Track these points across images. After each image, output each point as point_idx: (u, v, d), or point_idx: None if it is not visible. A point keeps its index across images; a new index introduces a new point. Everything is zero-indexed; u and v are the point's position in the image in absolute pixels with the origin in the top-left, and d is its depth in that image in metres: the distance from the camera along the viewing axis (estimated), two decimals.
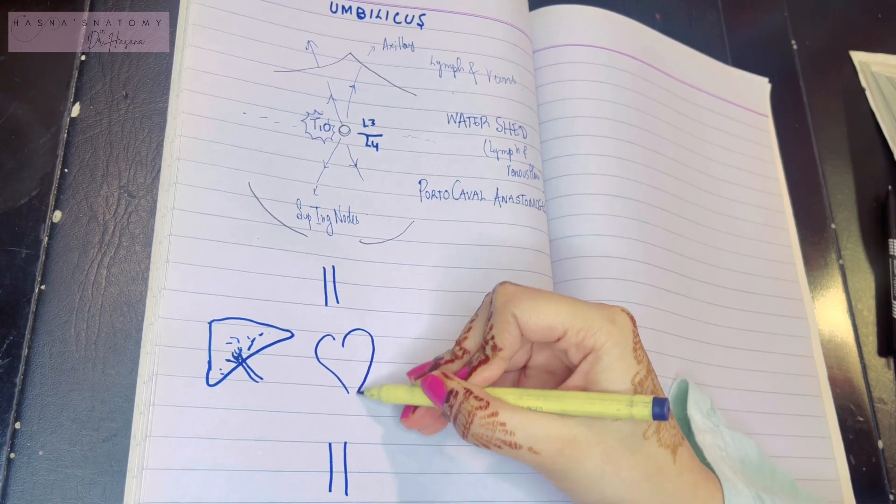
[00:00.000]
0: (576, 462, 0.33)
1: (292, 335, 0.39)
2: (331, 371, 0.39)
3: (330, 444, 0.38)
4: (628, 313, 0.35)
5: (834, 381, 0.52)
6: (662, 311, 0.47)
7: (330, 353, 0.39)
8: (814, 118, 0.61)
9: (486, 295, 0.38)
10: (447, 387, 0.34)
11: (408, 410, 0.38)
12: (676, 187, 0.52)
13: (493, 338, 0.35)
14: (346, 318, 0.40)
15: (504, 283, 0.36)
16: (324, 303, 0.40)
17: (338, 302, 0.41)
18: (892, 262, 0.57)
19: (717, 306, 0.50)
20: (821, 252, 0.57)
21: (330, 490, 0.37)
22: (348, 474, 0.38)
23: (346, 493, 0.37)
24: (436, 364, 0.37)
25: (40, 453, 0.35)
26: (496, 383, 0.36)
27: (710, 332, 0.49)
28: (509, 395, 0.34)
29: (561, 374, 0.37)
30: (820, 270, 0.56)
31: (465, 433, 0.34)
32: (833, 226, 0.58)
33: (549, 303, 0.34)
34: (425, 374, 0.37)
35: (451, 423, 0.34)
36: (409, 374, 0.38)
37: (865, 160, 0.61)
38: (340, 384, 0.39)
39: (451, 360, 0.37)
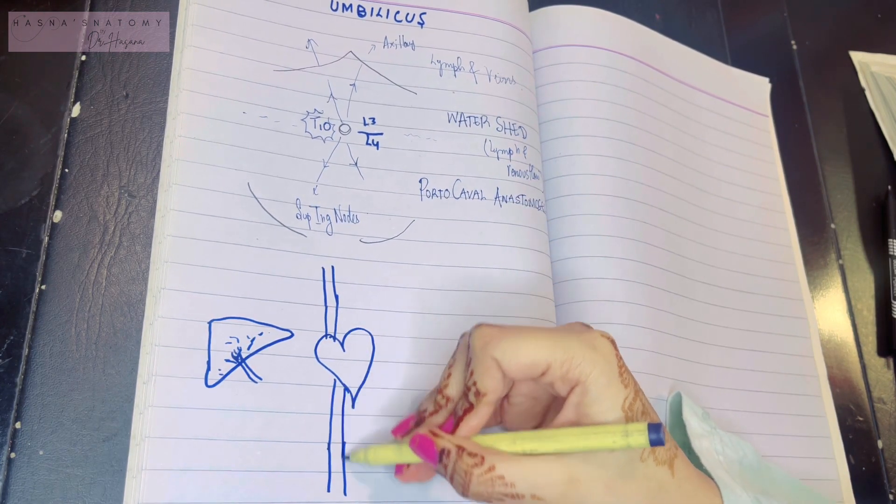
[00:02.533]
0: (580, 500, 0.32)
1: (292, 335, 0.39)
2: (330, 371, 0.39)
3: (329, 445, 0.38)
4: (609, 337, 0.35)
5: (834, 381, 0.52)
6: (661, 311, 0.47)
7: (329, 352, 0.39)
8: (814, 118, 0.61)
9: (462, 336, 0.37)
10: (438, 446, 0.33)
11: (401, 467, 0.37)
12: (676, 188, 0.52)
13: (475, 384, 0.34)
14: (346, 318, 0.40)
15: (480, 325, 0.35)
16: (323, 302, 0.40)
17: (337, 301, 0.41)
18: (892, 262, 0.57)
19: (717, 306, 0.50)
20: (821, 252, 0.57)
21: (328, 490, 0.37)
22: (347, 474, 0.38)
23: (345, 494, 0.37)
24: (419, 417, 0.37)
25: (40, 453, 0.35)
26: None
27: (710, 333, 0.49)
28: (502, 441, 0.33)
29: (544, 400, 0.37)
30: (820, 270, 0.56)
31: (465, 491, 0.33)
32: (833, 226, 0.58)
33: (529, 340, 0.34)
34: (410, 431, 0.36)
35: (449, 481, 0.33)
36: (394, 432, 0.37)
37: (865, 160, 0.61)
38: (340, 384, 0.39)
39: (436, 412, 0.36)
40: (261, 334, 0.39)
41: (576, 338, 0.34)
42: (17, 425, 0.36)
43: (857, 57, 0.65)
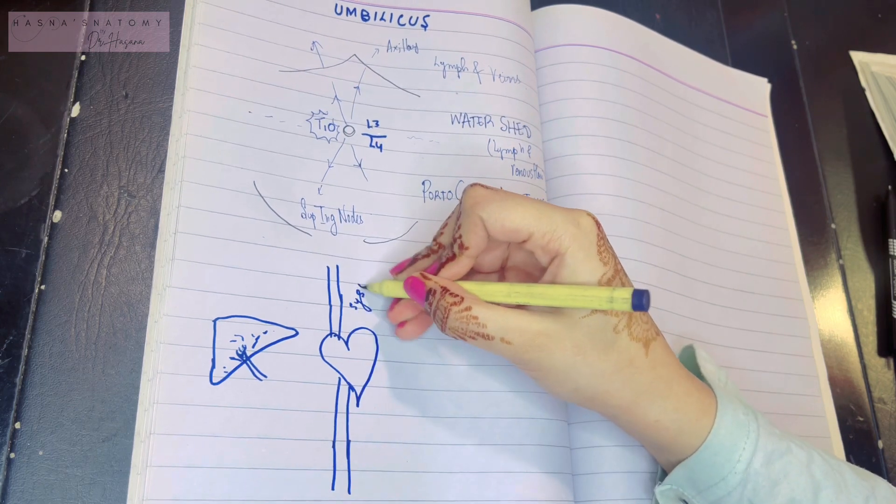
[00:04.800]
0: (547, 352, 0.34)
1: (297, 333, 0.39)
2: (335, 369, 0.39)
3: (333, 443, 0.38)
4: (593, 217, 0.36)
5: (834, 381, 0.52)
6: (661, 310, 0.47)
7: (334, 351, 0.39)
8: (814, 118, 0.61)
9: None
10: (426, 286, 0.36)
11: (394, 304, 0.41)
12: (676, 187, 0.52)
13: (460, 237, 0.37)
14: (350, 317, 0.40)
15: (474, 184, 0.37)
16: (328, 301, 0.40)
17: (342, 301, 0.41)
18: (892, 262, 0.57)
19: (717, 306, 0.50)
20: (821, 252, 0.57)
21: (333, 488, 0.37)
22: (351, 472, 0.38)
23: (349, 492, 0.37)
24: (414, 259, 0.40)
25: (40, 453, 0.35)
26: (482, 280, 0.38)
27: (710, 332, 0.49)
28: (498, 292, 0.36)
29: (538, 276, 0.39)
30: (820, 270, 0.56)
31: (443, 327, 0.36)
32: (833, 226, 0.58)
33: (516, 207, 0.35)
34: (405, 271, 0.40)
35: (432, 318, 0.36)
36: (392, 270, 0.41)
37: (865, 160, 0.61)
38: (345, 382, 0.39)
39: (427, 255, 0.39)
40: (265, 332, 0.39)
41: (560, 213, 0.36)
42: (17, 425, 0.35)
43: (858, 57, 0.65)
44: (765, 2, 0.65)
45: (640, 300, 0.32)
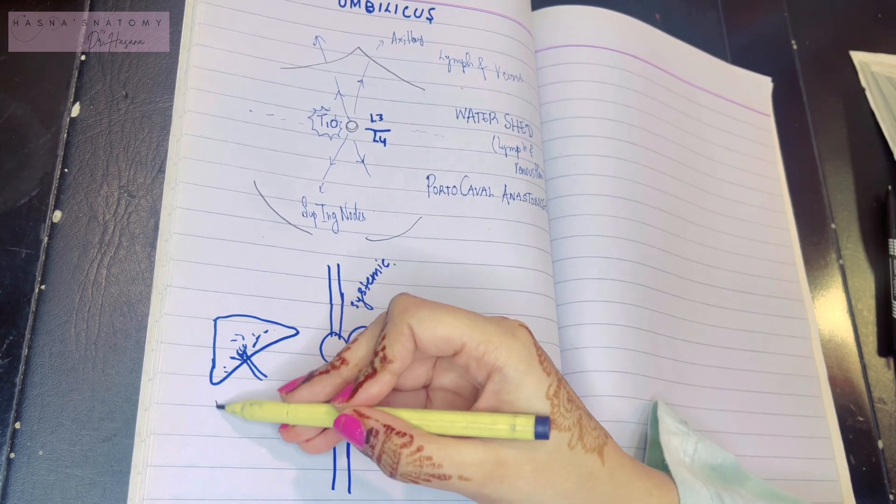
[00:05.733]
0: (508, 483, 0.32)
1: (297, 332, 0.39)
2: None
3: None
4: (526, 327, 0.34)
5: (834, 382, 0.52)
6: (660, 312, 0.47)
7: (335, 350, 0.39)
8: (814, 118, 0.61)
9: (380, 314, 0.36)
10: (365, 427, 0.32)
11: (285, 426, 0.36)
12: (677, 188, 0.52)
13: (384, 349, 0.33)
14: (351, 316, 0.40)
15: (402, 294, 0.35)
16: (329, 300, 0.40)
17: (342, 300, 0.41)
18: (892, 262, 0.57)
19: (717, 307, 0.50)
20: (821, 252, 0.57)
21: (333, 488, 0.37)
22: (351, 472, 0.38)
23: (349, 492, 0.37)
24: (309, 376, 0.35)
25: (40, 453, 0.35)
26: (402, 404, 0.36)
27: (710, 333, 0.49)
28: (410, 418, 0.33)
29: (469, 395, 0.36)
30: (820, 270, 0.56)
31: (392, 473, 0.32)
32: (833, 226, 0.58)
33: (447, 315, 0.33)
34: (297, 390, 0.35)
35: (375, 463, 0.33)
36: (281, 390, 0.36)
37: (865, 160, 0.61)
38: None
39: (327, 372, 0.35)
40: (266, 332, 0.39)
41: (494, 323, 0.34)
42: (17, 425, 0.35)
43: (858, 57, 0.65)
44: (765, 2, 0.65)
45: (545, 427, 0.31)
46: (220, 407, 0.37)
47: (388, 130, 0.45)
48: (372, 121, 0.45)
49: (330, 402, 0.34)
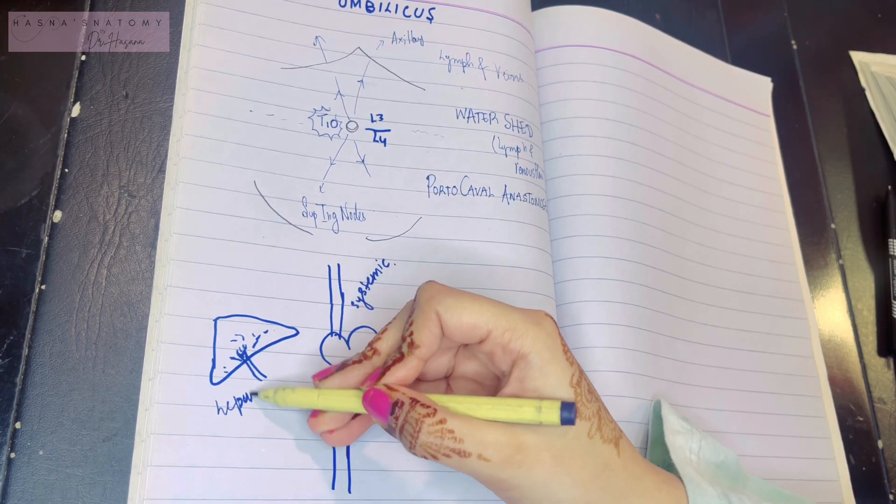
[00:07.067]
0: (525, 469, 0.32)
1: (297, 333, 0.39)
2: None
3: None
4: (551, 317, 0.35)
5: (834, 381, 0.52)
6: (660, 312, 0.47)
7: (335, 350, 0.39)
8: (814, 118, 0.61)
9: (408, 301, 0.37)
10: (392, 398, 0.33)
11: (316, 413, 0.37)
12: (677, 188, 0.52)
13: (412, 334, 0.34)
14: (352, 316, 0.40)
15: (429, 281, 0.35)
16: (329, 300, 0.40)
17: (343, 300, 0.41)
18: (892, 262, 0.57)
19: (717, 307, 0.50)
20: (821, 252, 0.57)
21: (333, 488, 0.37)
22: (351, 472, 0.38)
23: (349, 491, 0.37)
24: (343, 365, 0.36)
25: (40, 453, 0.35)
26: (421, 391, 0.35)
27: (709, 333, 0.49)
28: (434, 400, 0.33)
29: (490, 385, 0.37)
30: (820, 270, 0.56)
31: (412, 444, 0.32)
32: (833, 226, 0.58)
33: (474, 302, 0.34)
34: (330, 377, 0.36)
35: (397, 436, 0.33)
36: (315, 376, 0.37)
37: (865, 160, 0.61)
38: None
39: (359, 362, 0.36)
40: (266, 332, 0.39)
41: (520, 312, 0.34)
42: (17, 425, 0.35)
43: (857, 57, 0.65)
44: (765, 2, 0.65)
45: (570, 413, 0.31)
46: (254, 394, 0.37)
47: (389, 130, 0.45)
48: (372, 121, 0.45)
49: (359, 388, 0.35)
